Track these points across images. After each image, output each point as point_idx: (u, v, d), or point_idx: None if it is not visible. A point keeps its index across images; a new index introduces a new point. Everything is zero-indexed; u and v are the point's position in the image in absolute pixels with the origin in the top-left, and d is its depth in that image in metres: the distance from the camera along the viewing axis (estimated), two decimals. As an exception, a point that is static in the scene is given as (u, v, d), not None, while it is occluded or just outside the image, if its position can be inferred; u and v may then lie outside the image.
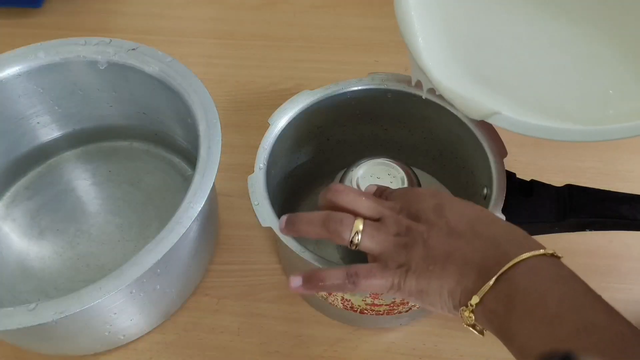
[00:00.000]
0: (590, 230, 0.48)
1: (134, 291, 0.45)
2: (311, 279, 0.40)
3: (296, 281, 0.40)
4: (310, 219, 0.41)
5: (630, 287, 0.55)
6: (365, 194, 0.42)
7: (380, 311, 0.48)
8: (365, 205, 0.41)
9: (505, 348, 0.35)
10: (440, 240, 0.37)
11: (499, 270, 0.34)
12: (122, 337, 0.51)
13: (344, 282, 0.38)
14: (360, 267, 0.39)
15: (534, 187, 0.48)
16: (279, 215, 0.46)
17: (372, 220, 0.40)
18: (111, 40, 0.55)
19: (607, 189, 0.47)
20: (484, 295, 0.34)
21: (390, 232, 0.39)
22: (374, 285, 0.38)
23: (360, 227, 0.39)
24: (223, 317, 0.54)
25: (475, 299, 0.34)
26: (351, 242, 0.39)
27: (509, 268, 0.34)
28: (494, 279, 0.34)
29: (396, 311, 0.48)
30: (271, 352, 0.52)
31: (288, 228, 0.43)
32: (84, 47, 0.54)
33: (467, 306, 0.35)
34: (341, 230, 0.39)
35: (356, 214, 0.40)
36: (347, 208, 0.40)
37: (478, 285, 0.35)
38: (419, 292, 0.37)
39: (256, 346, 0.53)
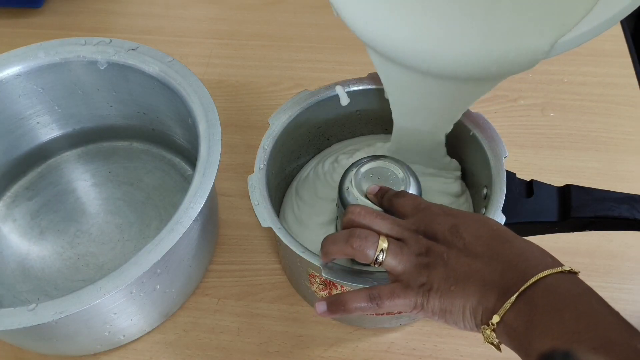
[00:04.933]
0: (590, 230, 0.48)
1: (134, 291, 0.45)
2: (334, 303, 0.40)
3: (321, 306, 0.40)
4: (334, 239, 0.41)
5: (630, 287, 0.55)
6: (383, 214, 0.42)
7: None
8: (386, 225, 0.41)
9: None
10: (460, 261, 0.38)
11: (517, 290, 0.34)
12: (122, 337, 0.51)
13: (368, 304, 0.39)
14: (382, 288, 0.39)
15: (534, 187, 0.48)
16: (279, 215, 0.46)
17: (395, 239, 0.40)
18: (111, 40, 0.55)
19: (607, 189, 0.47)
20: (504, 314, 0.35)
21: (412, 251, 0.39)
22: (398, 304, 0.39)
23: (385, 245, 0.39)
24: (223, 317, 0.54)
25: (496, 318, 0.35)
26: (375, 259, 0.39)
27: (528, 287, 0.34)
28: (512, 298, 0.34)
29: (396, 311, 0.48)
30: (271, 352, 0.52)
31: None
32: (84, 47, 0.54)
33: (488, 325, 0.35)
34: (365, 246, 0.39)
35: (378, 234, 0.40)
36: (369, 227, 0.41)
37: (498, 305, 0.35)
38: (442, 311, 0.38)
39: (256, 346, 0.53)
